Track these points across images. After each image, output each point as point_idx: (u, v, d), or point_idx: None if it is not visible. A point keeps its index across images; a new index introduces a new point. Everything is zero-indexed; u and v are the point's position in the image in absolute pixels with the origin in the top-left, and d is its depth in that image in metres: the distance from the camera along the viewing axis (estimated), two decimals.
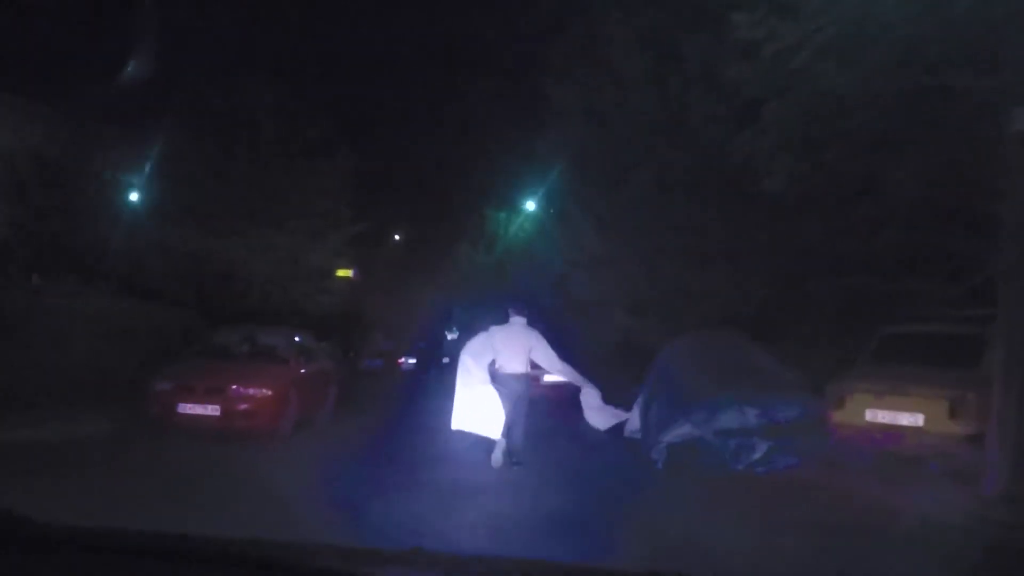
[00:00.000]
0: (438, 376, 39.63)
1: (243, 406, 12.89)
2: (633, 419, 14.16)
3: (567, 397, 22.40)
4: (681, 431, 12.08)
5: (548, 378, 22.69)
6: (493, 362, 11.75)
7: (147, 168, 24.46)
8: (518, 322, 11.96)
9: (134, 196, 25.37)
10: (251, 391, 13.05)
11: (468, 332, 13.24)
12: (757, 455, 11.52)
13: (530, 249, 28.73)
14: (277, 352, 14.87)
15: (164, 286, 23.60)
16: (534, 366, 12.86)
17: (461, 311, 45.84)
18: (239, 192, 24.81)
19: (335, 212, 26.97)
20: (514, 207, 39.59)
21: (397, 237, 62.16)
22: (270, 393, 13.17)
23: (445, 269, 50.86)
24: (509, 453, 11.47)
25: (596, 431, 12.83)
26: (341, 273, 63.64)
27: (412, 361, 54.44)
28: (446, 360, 41.75)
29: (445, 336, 53.14)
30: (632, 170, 17.27)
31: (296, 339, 15.50)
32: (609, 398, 13.08)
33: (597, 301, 19.26)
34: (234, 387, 13.04)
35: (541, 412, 16.60)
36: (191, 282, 24.64)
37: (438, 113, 52.95)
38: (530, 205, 36.25)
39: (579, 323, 20.66)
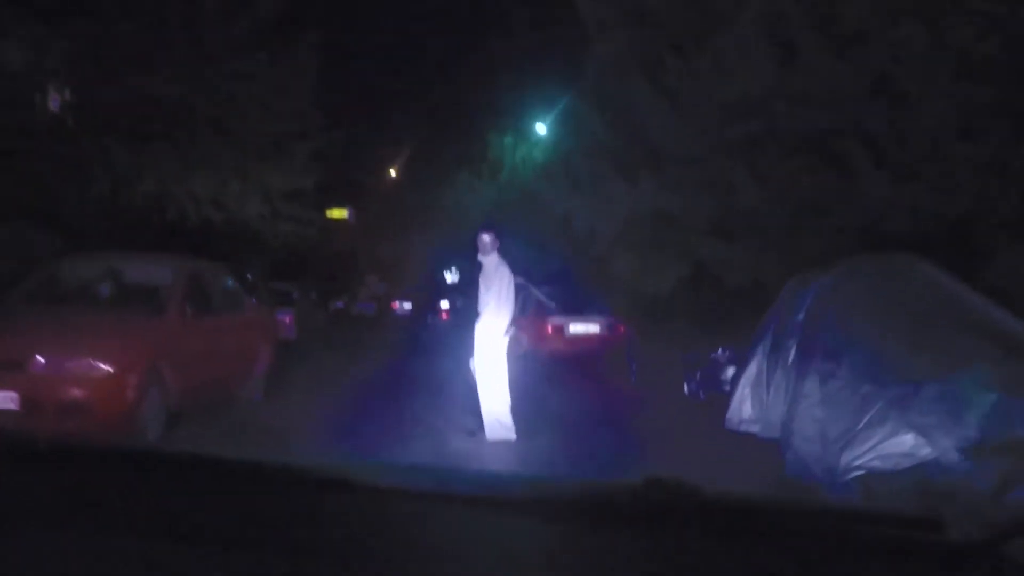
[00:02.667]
0: (434, 323, 34.79)
1: (61, 392, 7.09)
2: (740, 401, 9.20)
3: (598, 357, 17.10)
4: (894, 445, 6.23)
5: (575, 328, 17.46)
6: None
7: (53, 64, 18.42)
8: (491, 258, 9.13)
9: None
10: (73, 366, 7.22)
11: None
12: None
13: (545, 173, 22.94)
14: (158, 296, 8.97)
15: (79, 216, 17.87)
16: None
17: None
18: (171, 90, 18.68)
19: (299, 116, 20.85)
20: (521, 133, 36.71)
21: (393, 173, 58.93)
22: (111, 369, 7.32)
23: (444, 204, 46.22)
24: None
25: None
26: (335, 214, 59.85)
27: (407, 306, 52.69)
28: (444, 304, 37.20)
29: (444, 278, 48.24)
30: (726, 18, 11.26)
31: (189, 274, 9.48)
32: (658, 363, 10.88)
33: (657, 217, 13.24)
34: (42, 360, 7.18)
35: (559, 379, 13.60)
36: (109, 208, 18.73)
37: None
38: (540, 128, 33.01)
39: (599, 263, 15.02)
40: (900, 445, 6.16)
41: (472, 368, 9.20)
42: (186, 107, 18.60)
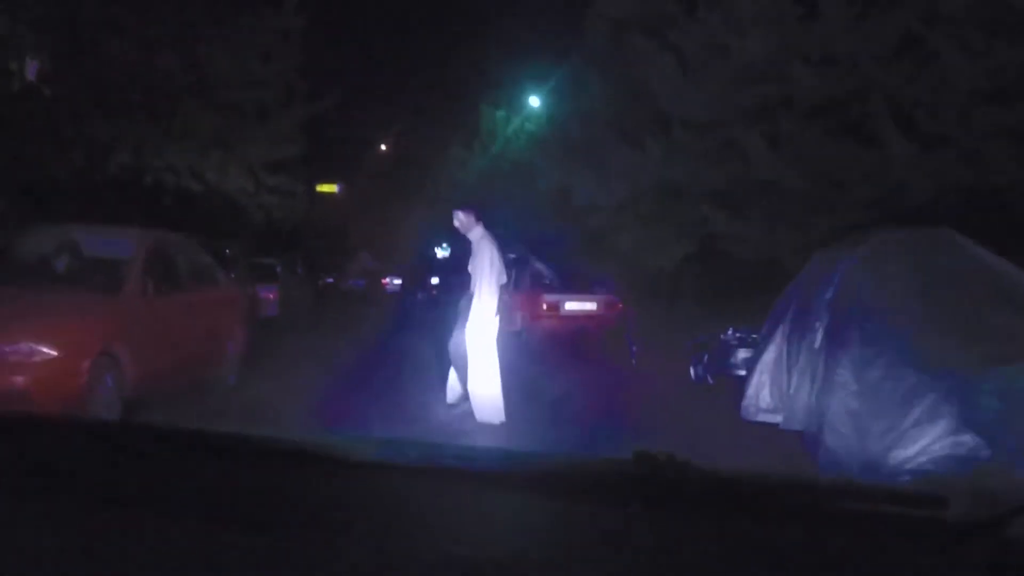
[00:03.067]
0: (425, 300, 34.03)
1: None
2: (757, 387, 8.53)
3: (596, 336, 16.36)
4: (949, 445, 5.45)
5: (570, 305, 16.72)
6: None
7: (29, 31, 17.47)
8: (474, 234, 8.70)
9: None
10: (12, 350, 6.38)
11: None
12: None
13: (541, 143, 22.07)
14: (116, 271, 8.10)
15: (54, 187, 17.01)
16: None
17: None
18: (148, 55, 17.73)
19: (283, 83, 19.90)
20: (514, 105, 36.11)
21: (383, 147, 58.73)
22: (55, 353, 6.47)
23: (435, 178, 45.88)
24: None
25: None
26: (324, 188, 58.98)
27: (397, 282, 51.64)
28: (435, 280, 36.47)
29: (434, 254, 47.50)
30: None
31: (151, 247, 8.60)
32: (661, 344, 10.51)
33: (663, 187, 12.35)
34: None
35: (553, 360, 12.86)
36: (85, 180, 17.82)
37: None
38: (534, 101, 32.45)
39: (598, 238, 14.16)
40: (957, 446, 5.36)
41: (452, 346, 8.67)
42: (164, 73, 17.66)
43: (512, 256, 22.81)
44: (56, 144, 17.29)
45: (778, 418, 8.01)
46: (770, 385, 8.34)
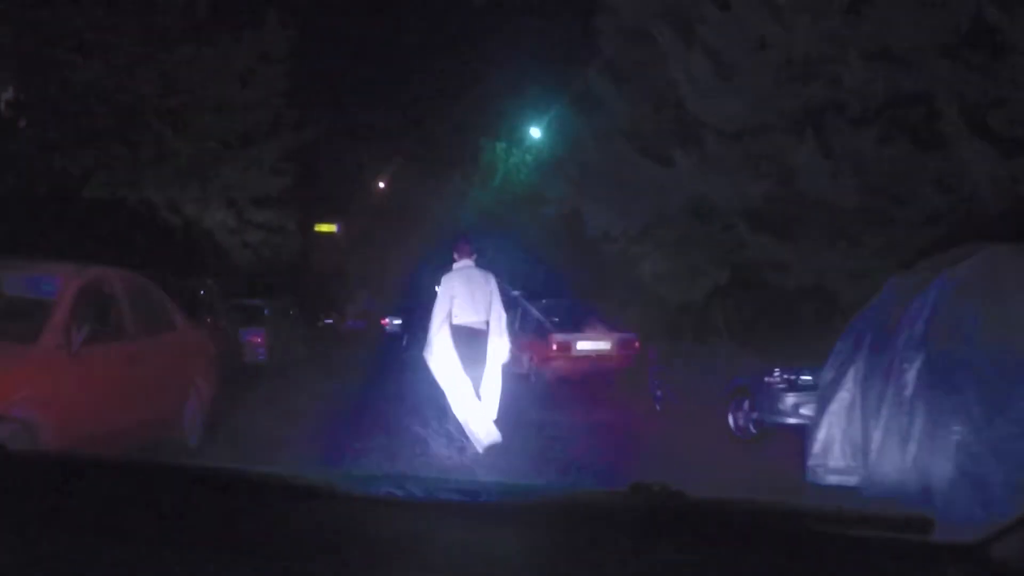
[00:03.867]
0: (425, 339, 32.53)
1: None
2: (825, 443, 6.90)
3: (611, 378, 14.95)
4: None
5: (583, 345, 15.39)
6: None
7: None
8: (466, 264, 8.84)
9: None
10: None
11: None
12: None
13: (550, 168, 20.66)
14: (36, 317, 6.60)
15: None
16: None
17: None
18: (118, 78, 16.38)
19: (266, 110, 18.53)
20: (515, 138, 35.30)
21: (382, 185, 58.11)
22: None
23: (435, 214, 44.78)
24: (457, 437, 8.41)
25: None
26: (323, 228, 57.80)
27: (397, 322, 50.93)
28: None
29: (435, 291, 45.83)
30: None
31: (82, 286, 7.06)
32: (691, 387, 9.48)
33: (693, 207, 10.79)
34: None
35: (565, 407, 12.11)
36: (52, 213, 16.39)
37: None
38: (535, 132, 31.85)
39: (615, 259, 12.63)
40: None
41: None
42: (137, 98, 16.30)
43: (516, 293, 21.43)
44: (26, 175, 15.95)
45: (853, 480, 6.50)
46: (841, 440, 6.82)
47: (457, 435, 8.56)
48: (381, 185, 58.63)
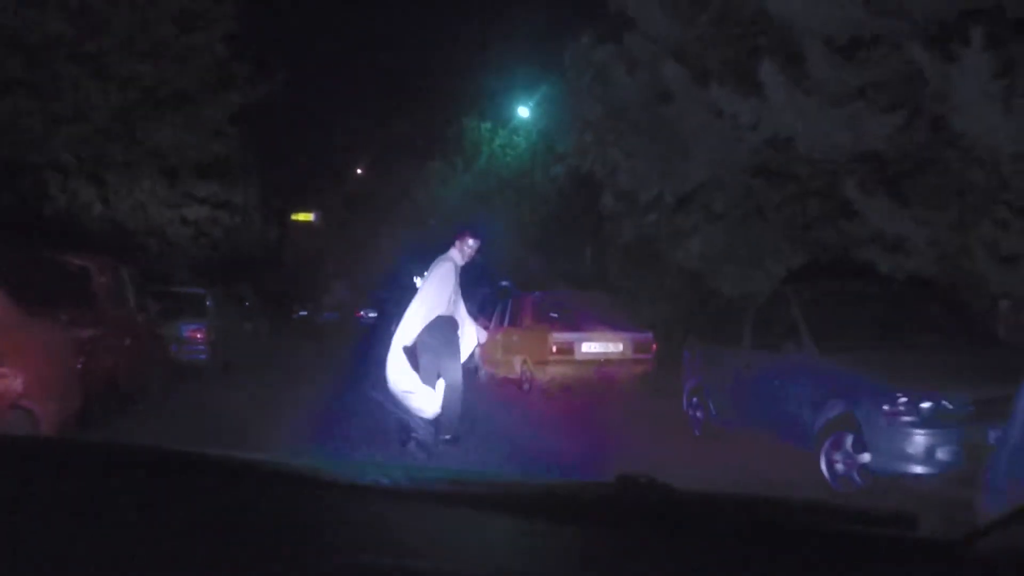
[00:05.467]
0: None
1: None
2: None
3: (625, 387, 12.19)
4: None
5: (589, 346, 12.44)
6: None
7: None
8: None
9: None
10: None
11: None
12: None
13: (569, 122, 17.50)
14: None
15: None
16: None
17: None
18: (24, 13, 13.25)
19: (208, 57, 15.38)
20: (501, 118, 33.78)
21: (359, 171, 56.76)
22: None
23: (414, 197, 42.76)
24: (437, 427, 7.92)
25: None
26: (300, 217, 55.68)
27: (373, 314, 48.86)
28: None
29: (413, 282, 43.46)
30: None
31: None
32: None
33: (770, 163, 7.61)
34: None
35: (567, 424, 9.82)
36: None
37: None
38: (523, 112, 30.56)
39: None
40: None
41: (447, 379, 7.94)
42: (48, 38, 13.18)
43: (504, 284, 18.35)
44: None
45: None
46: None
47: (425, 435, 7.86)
48: (358, 171, 56.80)
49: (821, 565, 1.28)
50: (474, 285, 13.96)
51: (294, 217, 63.50)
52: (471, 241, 8.14)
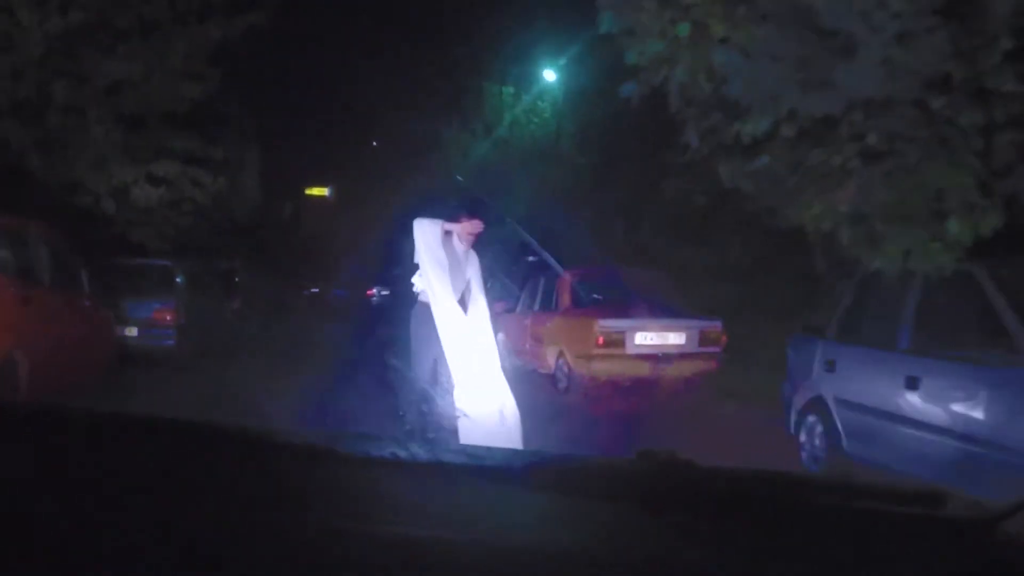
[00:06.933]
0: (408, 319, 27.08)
1: None
2: None
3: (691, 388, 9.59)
4: None
5: (641, 337, 9.87)
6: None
7: None
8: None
9: None
10: None
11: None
12: None
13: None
14: None
15: None
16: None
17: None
18: None
19: None
20: (524, 82, 32.15)
21: (375, 144, 54.53)
22: None
23: (431, 167, 40.75)
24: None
25: None
26: (314, 191, 54.32)
27: (385, 292, 47.54)
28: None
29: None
30: None
31: None
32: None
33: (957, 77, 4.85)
34: None
35: (616, 436, 7.73)
36: None
37: None
38: (549, 75, 29.86)
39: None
40: None
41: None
42: None
43: (531, 259, 15.29)
44: None
45: None
46: None
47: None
48: (374, 144, 55.00)
49: (845, 542, 1.24)
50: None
51: (308, 192, 62.01)
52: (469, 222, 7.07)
